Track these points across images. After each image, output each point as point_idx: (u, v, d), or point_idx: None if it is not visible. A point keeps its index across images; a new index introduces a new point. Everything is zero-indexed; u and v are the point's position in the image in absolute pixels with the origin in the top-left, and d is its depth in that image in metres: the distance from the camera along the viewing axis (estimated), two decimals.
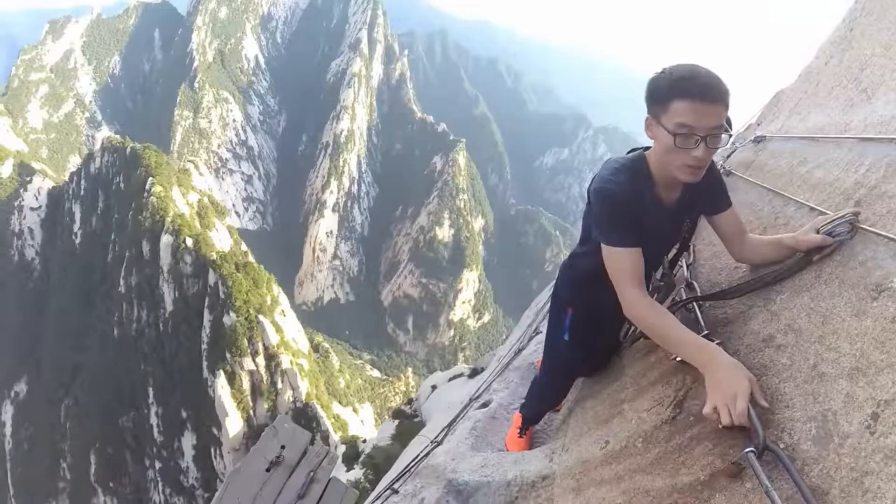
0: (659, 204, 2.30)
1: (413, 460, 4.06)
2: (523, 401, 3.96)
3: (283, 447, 3.43)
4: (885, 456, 1.22)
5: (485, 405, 4.76)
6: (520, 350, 6.10)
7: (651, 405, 2.35)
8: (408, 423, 20.88)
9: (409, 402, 28.10)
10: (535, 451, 3.25)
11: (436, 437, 4.21)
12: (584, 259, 2.65)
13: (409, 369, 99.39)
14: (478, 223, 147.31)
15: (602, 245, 2.25)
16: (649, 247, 2.28)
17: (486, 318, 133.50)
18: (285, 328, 67.95)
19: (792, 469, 1.36)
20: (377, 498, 3.76)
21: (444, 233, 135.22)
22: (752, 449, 1.47)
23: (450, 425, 4.50)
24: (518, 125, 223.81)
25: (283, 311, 70.08)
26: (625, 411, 2.57)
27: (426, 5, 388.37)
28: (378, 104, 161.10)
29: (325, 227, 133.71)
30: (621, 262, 2.19)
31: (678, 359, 2.27)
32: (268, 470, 3.32)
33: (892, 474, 1.18)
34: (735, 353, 1.94)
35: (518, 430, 3.85)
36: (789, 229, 2.41)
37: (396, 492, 3.56)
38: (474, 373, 16.31)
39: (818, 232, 2.00)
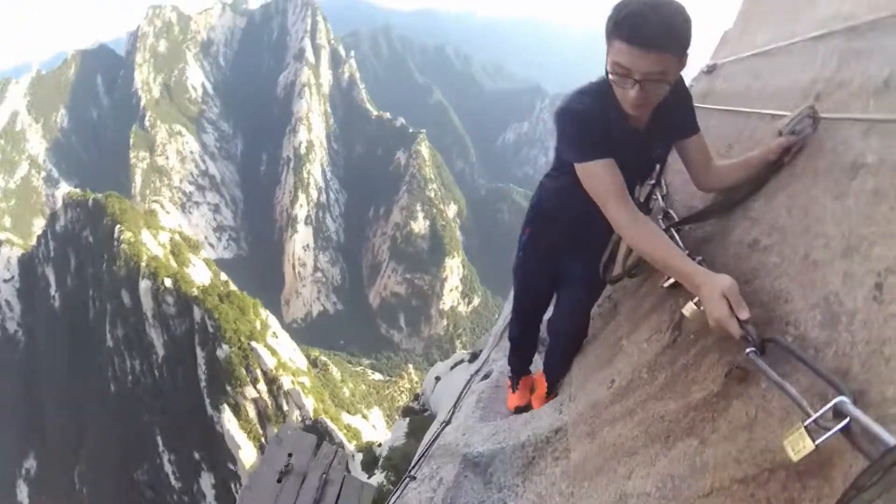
0: (627, 126, 2.18)
1: (426, 446, 4.00)
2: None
3: (290, 455, 3.38)
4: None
5: (486, 377, 4.73)
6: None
7: (650, 334, 2.33)
8: (419, 418, 20.82)
9: (416, 397, 28.02)
10: (544, 407, 3.24)
11: (444, 419, 4.16)
12: (552, 181, 2.67)
13: (410, 366, 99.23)
14: (451, 210, 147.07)
15: (576, 167, 2.17)
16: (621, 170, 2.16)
17: (476, 301, 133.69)
18: (280, 350, 67.55)
19: (796, 350, 1.35)
20: (396, 489, 3.71)
21: (420, 225, 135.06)
22: (752, 349, 1.47)
23: (455, 404, 4.46)
24: (475, 107, 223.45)
25: (274, 333, 69.68)
26: (624, 347, 2.57)
27: (365, 3, 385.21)
28: (332, 109, 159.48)
29: (300, 242, 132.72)
30: (598, 177, 2.09)
31: (667, 285, 2.27)
32: (279, 481, 3.26)
33: None
34: (723, 266, 1.92)
35: (510, 388, 3.82)
36: (754, 142, 2.41)
37: (414, 478, 3.50)
38: (474, 357, 16.27)
39: (780, 135, 2.02)
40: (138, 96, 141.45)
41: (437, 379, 20.56)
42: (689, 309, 1.83)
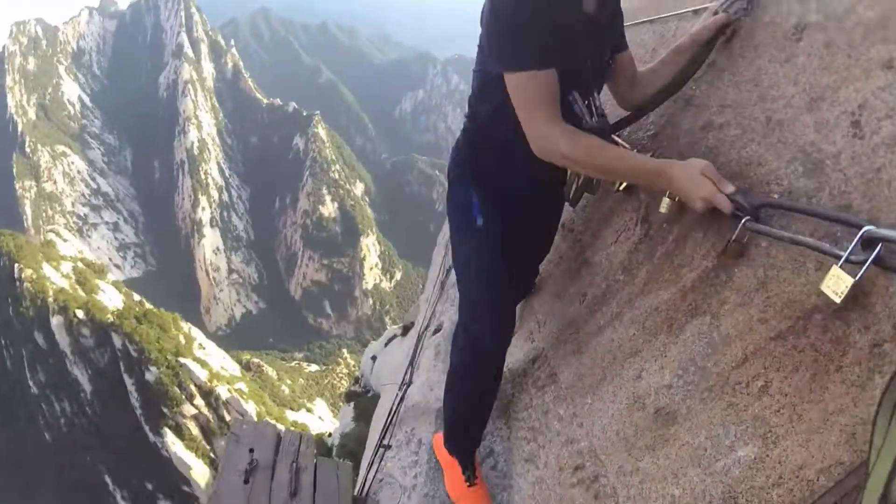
0: (581, 7, 1.86)
1: (390, 412, 3.88)
2: (445, 428, 2.67)
3: (251, 450, 3.12)
4: (887, 146, 1.23)
5: (438, 330, 4.56)
6: (450, 268, 5.72)
7: (615, 236, 2.26)
8: (363, 400, 20.68)
9: (357, 380, 27.70)
10: (512, 340, 3.02)
11: (404, 381, 4.06)
12: (495, 120, 2.06)
13: (344, 351, 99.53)
14: (358, 188, 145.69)
15: (506, 75, 1.81)
16: (575, 72, 1.87)
17: (398, 275, 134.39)
18: (210, 361, 66.50)
19: (794, 204, 1.36)
20: (371, 463, 3.55)
21: (329, 209, 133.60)
22: (746, 217, 1.44)
23: (412, 364, 4.35)
24: (367, 81, 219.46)
25: (200, 344, 68.43)
26: (588, 259, 2.47)
27: None
28: (220, 103, 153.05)
29: (210, 246, 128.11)
30: (534, 90, 1.76)
31: (621, 188, 2.19)
32: (246, 482, 3.02)
33: None
34: (679, 154, 1.91)
35: (463, 477, 2.52)
36: (677, 40, 2.28)
37: (389, 447, 3.35)
38: (406, 330, 16.14)
39: (716, 14, 1.93)
40: (14, 122, 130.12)
41: (374, 358, 20.36)
42: (664, 204, 1.75)
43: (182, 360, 62.19)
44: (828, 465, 1.16)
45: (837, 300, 1.15)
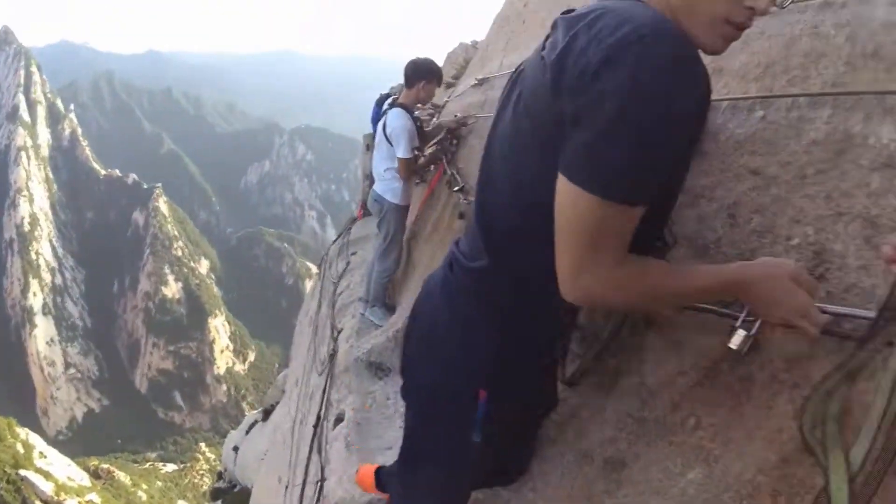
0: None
1: None
2: None
3: None
4: (758, 234, 1.53)
5: (340, 420, 4.37)
6: (334, 352, 5.57)
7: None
8: (231, 496, 19.33)
9: (220, 476, 26.20)
10: None
11: (311, 479, 4.16)
12: (534, 251, 1.33)
13: (202, 444, 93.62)
14: (203, 266, 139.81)
15: (581, 194, 1.08)
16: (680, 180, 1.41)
17: (252, 356, 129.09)
18: (54, 471, 60.53)
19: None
20: None
21: (172, 289, 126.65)
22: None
23: (313, 459, 4.45)
24: (211, 151, 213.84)
25: (41, 452, 62.20)
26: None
27: (85, 49, 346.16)
28: (55, 174, 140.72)
29: (43, 338, 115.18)
30: (621, 226, 1.12)
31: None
32: None
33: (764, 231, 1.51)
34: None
35: None
36: None
37: None
38: (267, 414, 15.71)
39: None
40: None
41: (236, 449, 19.05)
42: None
43: (23, 472, 56.56)
44: (759, 464, 1.40)
45: (742, 352, 1.40)
